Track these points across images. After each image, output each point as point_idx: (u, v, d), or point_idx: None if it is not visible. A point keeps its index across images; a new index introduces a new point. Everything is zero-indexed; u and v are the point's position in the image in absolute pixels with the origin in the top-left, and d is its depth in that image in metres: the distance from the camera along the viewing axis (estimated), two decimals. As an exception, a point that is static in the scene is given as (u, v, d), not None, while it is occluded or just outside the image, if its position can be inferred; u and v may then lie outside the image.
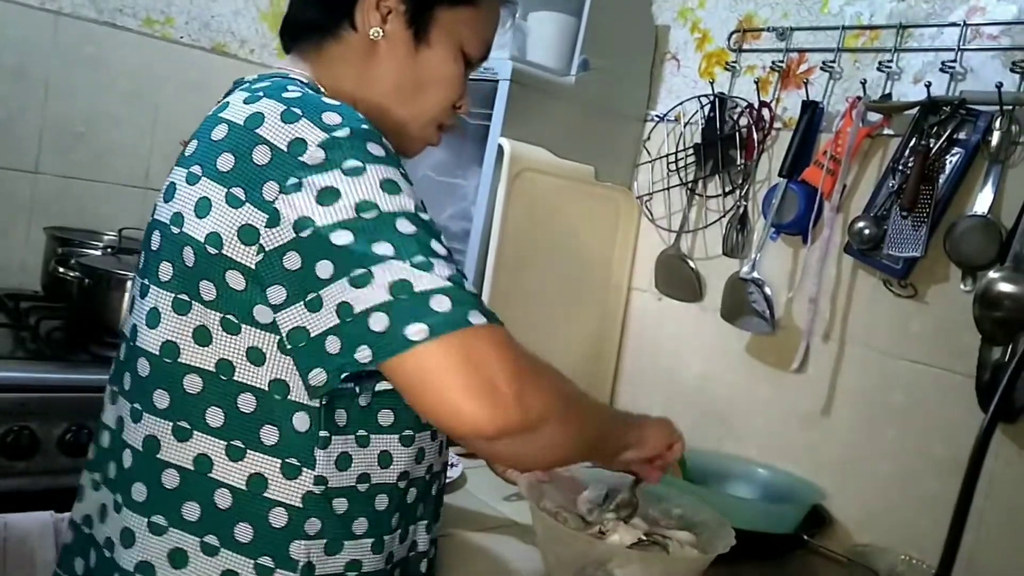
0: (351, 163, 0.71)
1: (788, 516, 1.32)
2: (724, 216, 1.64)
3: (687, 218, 1.70)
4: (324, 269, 0.69)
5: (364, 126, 0.75)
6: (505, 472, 1.04)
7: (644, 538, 1.03)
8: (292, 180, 0.71)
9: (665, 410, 1.70)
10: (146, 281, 0.80)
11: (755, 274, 1.54)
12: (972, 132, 1.28)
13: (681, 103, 1.73)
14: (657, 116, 1.79)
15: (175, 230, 0.77)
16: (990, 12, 1.32)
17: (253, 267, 0.72)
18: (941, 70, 1.34)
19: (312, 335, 0.71)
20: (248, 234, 0.72)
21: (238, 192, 0.73)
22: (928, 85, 1.33)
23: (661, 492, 1.14)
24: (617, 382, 1.82)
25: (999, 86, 1.23)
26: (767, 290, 1.52)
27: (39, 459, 1.37)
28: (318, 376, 0.73)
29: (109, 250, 1.79)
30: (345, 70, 0.87)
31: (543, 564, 1.05)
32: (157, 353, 0.78)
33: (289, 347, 0.73)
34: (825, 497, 1.39)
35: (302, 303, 0.71)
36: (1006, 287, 1.19)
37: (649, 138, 1.80)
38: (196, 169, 0.77)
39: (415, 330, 0.67)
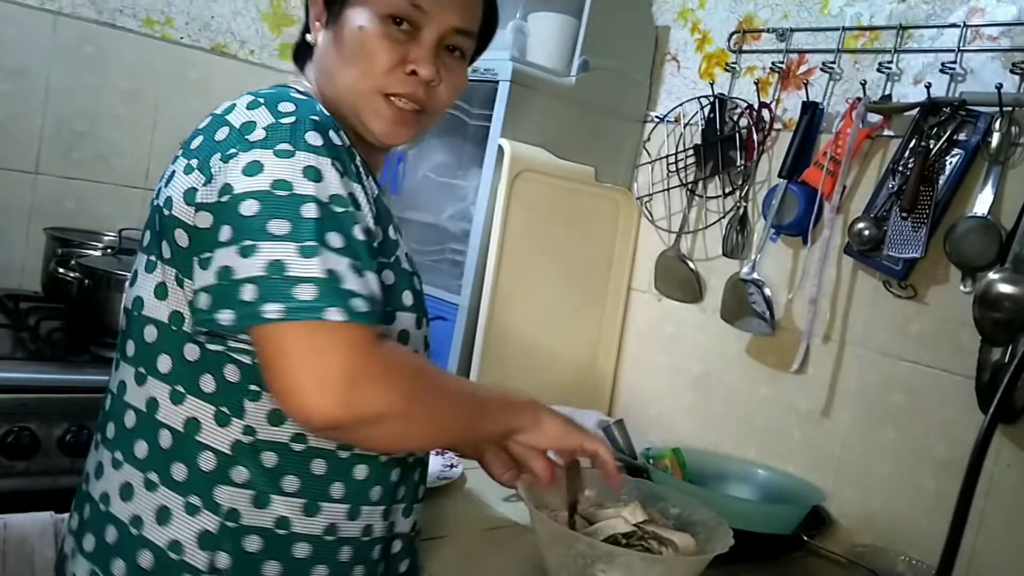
0: (284, 146, 0.77)
1: (788, 517, 1.32)
2: (724, 217, 1.64)
3: (687, 219, 1.70)
4: (224, 233, 0.76)
5: (313, 117, 0.80)
6: (501, 476, 1.04)
7: (638, 531, 1.03)
8: (231, 151, 0.78)
9: (666, 411, 1.72)
10: (140, 253, 0.90)
11: (755, 275, 1.54)
12: (972, 133, 1.28)
13: (681, 104, 1.74)
14: (657, 117, 1.79)
15: (157, 202, 0.86)
16: (990, 13, 1.32)
17: (192, 224, 0.79)
18: (941, 71, 1.34)
19: (195, 287, 0.79)
20: (190, 195, 0.80)
21: (194, 163, 0.82)
22: (928, 86, 1.33)
23: (659, 492, 1.15)
24: (617, 383, 1.82)
25: (999, 87, 1.23)
26: (767, 291, 1.52)
27: (39, 459, 1.37)
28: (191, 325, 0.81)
29: (109, 250, 1.79)
30: (317, 76, 0.95)
31: (543, 564, 1.05)
32: (131, 307, 0.87)
33: None
34: (825, 498, 1.39)
35: (197, 258, 0.79)
36: (1006, 288, 1.19)
37: (649, 139, 1.80)
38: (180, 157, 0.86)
39: (272, 308, 0.72)
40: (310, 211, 0.75)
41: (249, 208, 0.75)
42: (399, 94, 0.91)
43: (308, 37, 0.95)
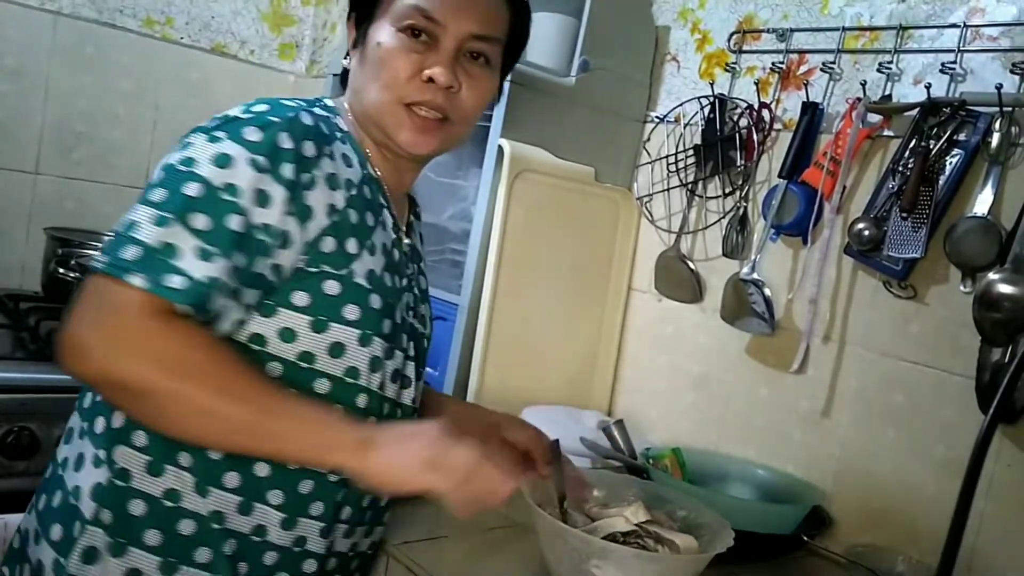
0: (219, 133, 0.82)
1: (788, 517, 1.32)
2: (724, 217, 1.64)
3: (687, 219, 1.70)
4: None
5: (274, 118, 0.83)
6: None
7: (638, 531, 1.03)
8: (191, 133, 0.85)
9: (665, 411, 1.72)
10: None
11: (755, 275, 1.54)
12: (972, 133, 1.28)
13: (681, 104, 1.73)
14: (657, 117, 1.79)
15: None
16: (990, 13, 1.32)
17: None
18: (941, 71, 1.34)
19: None
20: None
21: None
22: (928, 86, 1.33)
23: (666, 494, 1.15)
24: (616, 383, 1.82)
25: (999, 87, 1.23)
26: (767, 291, 1.52)
27: (39, 459, 1.37)
28: None
29: (109, 250, 1.79)
30: (349, 97, 1.00)
31: (543, 562, 1.05)
32: None
33: None
34: (825, 497, 1.39)
35: None
36: (1006, 288, 1.19)
37: (649, 139, 1.80)
38: None
39: (100, 259, 0.78)
40: (191, 189, 0.79)
41: (155, 176, 0.82)
42: (419, 102, 0.93)
43: (344, 63, 1.00)
